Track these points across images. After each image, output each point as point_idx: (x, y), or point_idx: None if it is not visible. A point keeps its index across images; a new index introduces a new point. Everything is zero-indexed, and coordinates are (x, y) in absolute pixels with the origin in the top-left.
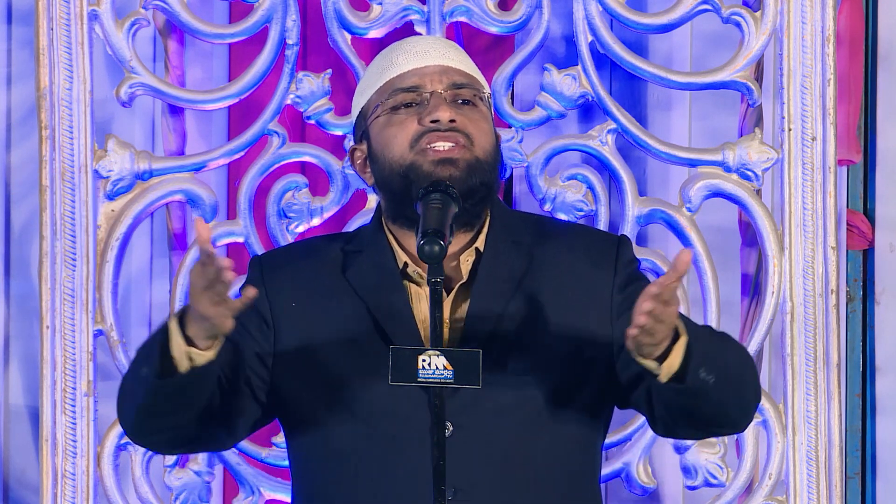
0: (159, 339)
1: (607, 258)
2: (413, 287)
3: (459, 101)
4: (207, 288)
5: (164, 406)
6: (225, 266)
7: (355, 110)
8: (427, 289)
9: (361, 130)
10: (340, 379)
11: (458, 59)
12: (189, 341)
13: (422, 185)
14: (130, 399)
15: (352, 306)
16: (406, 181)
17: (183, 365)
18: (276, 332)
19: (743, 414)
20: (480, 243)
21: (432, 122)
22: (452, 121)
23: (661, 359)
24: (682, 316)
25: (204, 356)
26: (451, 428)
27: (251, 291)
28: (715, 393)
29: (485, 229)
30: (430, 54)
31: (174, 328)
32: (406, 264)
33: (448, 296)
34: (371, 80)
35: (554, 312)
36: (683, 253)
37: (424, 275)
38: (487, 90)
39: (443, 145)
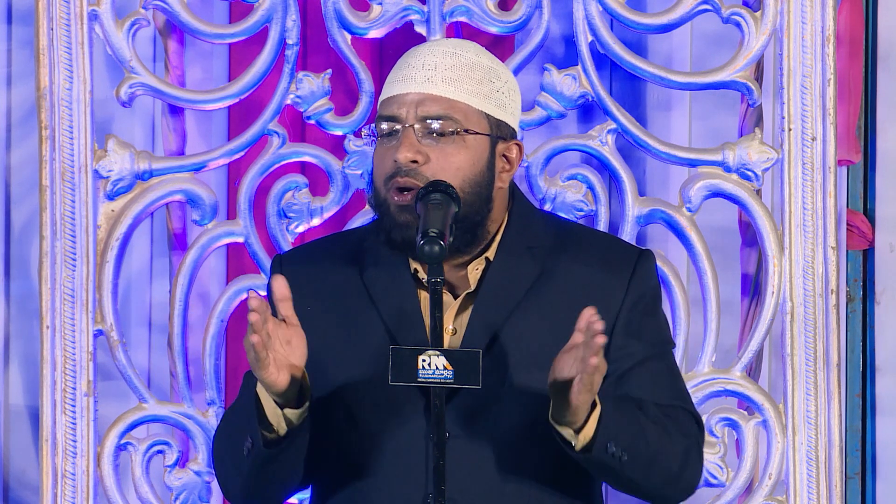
0: (253, 409)
1: (622, 274)
2: (424, 293)
3: (436, 133)
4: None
5: (275, 472)
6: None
7: None
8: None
9: None
10: (347, 381)
11: (447, 81)
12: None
13: (387, 229)
14: (235, 475)
15: (364, 309)
16: (381, 213)
17: (282, 429)
18: None
19: (663, 497)
20: (491, 252)
21: (395, 161)
22: (414, 161)
23: (580, 430)
24: (627, 399)
25: (297, 413)
26: (447, 435)
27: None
28: (628, 472)
29: (497, 238)
30: (416, 78)
31: (263, 394)
32: (416, 270)
33: (454, 303)
34: (383, 90)
35: (558, 324)
36: (589, 313)
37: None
38: (488, 108)
39: (400, 193)
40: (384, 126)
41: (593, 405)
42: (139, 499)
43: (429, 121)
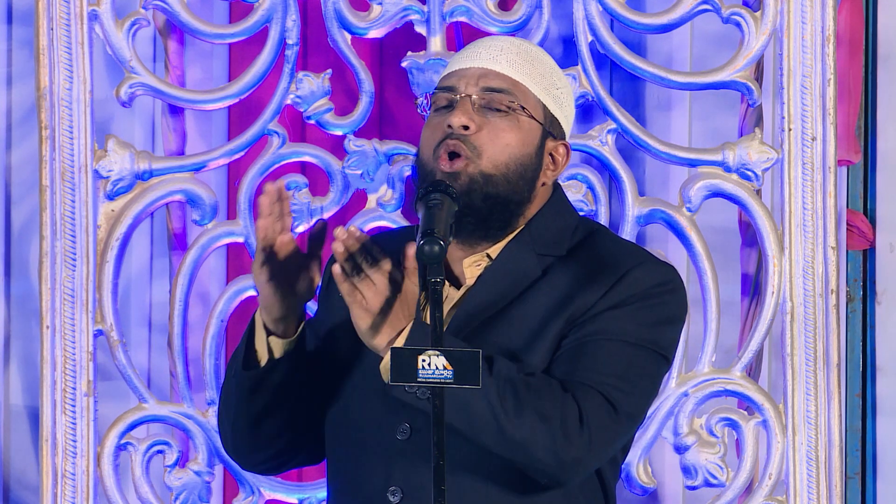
0: (246, 334)
1: (607, 280)
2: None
3: (493, 108)
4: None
5: (258, 406)
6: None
7: None
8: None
9: None
10: (344, 375)
11: (511, 63)
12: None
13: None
14: (225, 412)
15: None
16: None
17: (264, 358)
18: (320, 315)
19: (525, 466)
20: (495, 250)
21: (448, 126)
22: (466, 127)
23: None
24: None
25: (281, 343)
26: (409, 431)
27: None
28: (457, 424)
29: (509, 237)
30: (481, 56)
31: (258, 318)
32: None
33: (453, 296)
34: (443, 73)
35: (536, 329)
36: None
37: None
38: (545, 98)
39: (448, 161)
40: (441, 96)
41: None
42: (139, 499)
43: (488, 91)
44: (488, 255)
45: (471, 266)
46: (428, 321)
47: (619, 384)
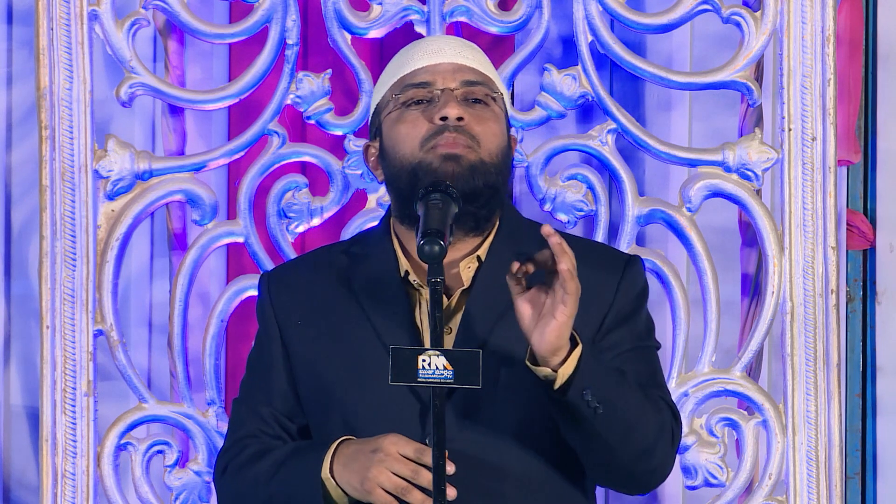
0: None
1: (612, 277)
2: (415, 294)
3: (471, 100)
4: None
5: None
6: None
7: (371, 108)
8: (427, 293)
9: (375, 127)
10: (342, 390)
11: (474, 59)
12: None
13: (427, 182)
14: None
15: (355, 317)
16: (414, 178)
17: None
18: (286, 350)
19: (635, 474)
20: (483, 251)
21: (441, 119)
22: (461, 118)
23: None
24: (608, 369)
25: None
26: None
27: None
28: (603, 430)
29: (490, 237)
30: (445, 52)
31: (331, 484)
32: (407, 272)
33: (448, 301)
34: (386, 78)
35: None
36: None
37: (424, 283)
38: (502, 91)
39: (449, 141)
40: (415, 92)
41: (574, 346)
42: (139, 499)
43: (468, 84)
44: (478, 258)
45: (464, 269)
46: (416, 322)
47: (666, 391)
